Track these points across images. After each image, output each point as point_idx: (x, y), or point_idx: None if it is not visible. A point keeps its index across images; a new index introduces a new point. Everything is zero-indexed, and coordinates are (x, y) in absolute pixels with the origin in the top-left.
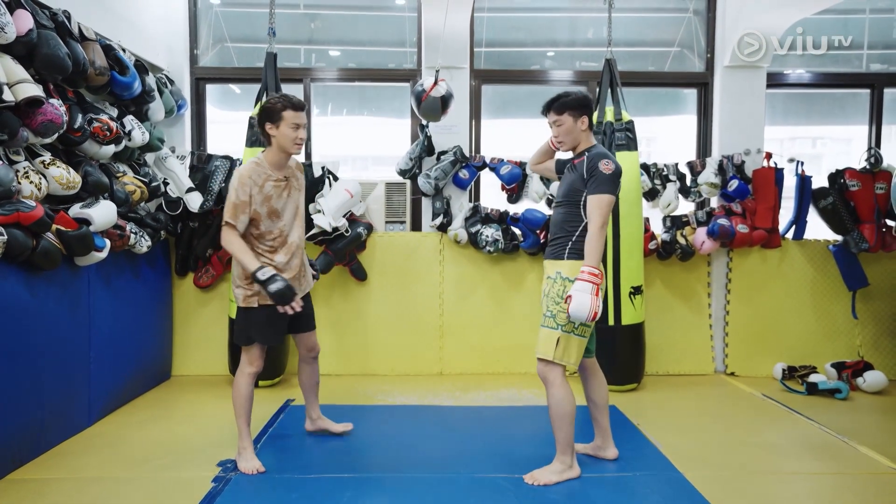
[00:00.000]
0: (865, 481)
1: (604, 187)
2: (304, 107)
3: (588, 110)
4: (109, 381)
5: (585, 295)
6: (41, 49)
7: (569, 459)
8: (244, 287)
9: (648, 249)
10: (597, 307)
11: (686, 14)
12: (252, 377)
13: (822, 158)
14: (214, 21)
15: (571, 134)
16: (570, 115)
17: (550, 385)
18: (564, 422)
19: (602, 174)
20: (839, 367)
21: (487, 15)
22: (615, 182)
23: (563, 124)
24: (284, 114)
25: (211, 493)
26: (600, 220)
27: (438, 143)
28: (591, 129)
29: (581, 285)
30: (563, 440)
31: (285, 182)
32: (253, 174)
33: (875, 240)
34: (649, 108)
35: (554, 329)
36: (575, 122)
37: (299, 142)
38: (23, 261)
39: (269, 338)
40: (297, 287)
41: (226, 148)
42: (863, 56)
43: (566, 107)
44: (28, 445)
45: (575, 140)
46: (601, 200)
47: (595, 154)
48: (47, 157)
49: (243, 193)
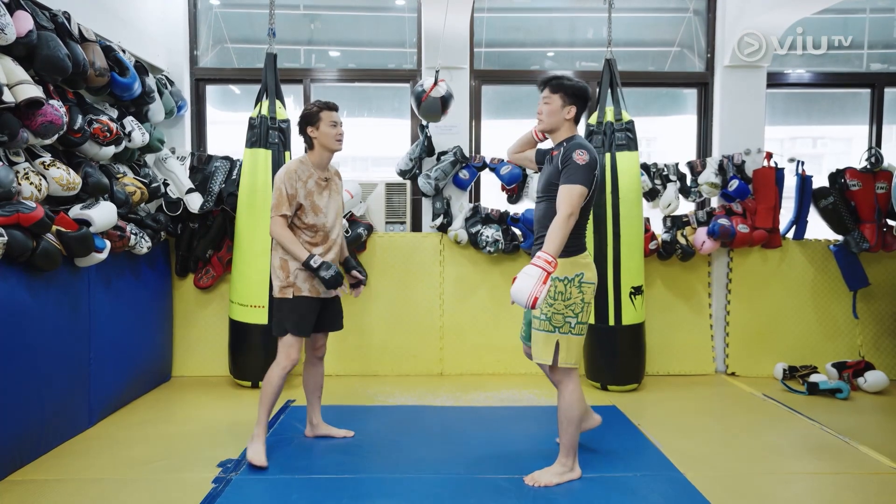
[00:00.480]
0: (866, 481)
1: (575, 177)
2: (338, 107)
3: (580, 101)
4: (110, 383)
5: (531, 280)
6: (41, 50)
7: (570, 462)
8: (281, 278)
9: (649, 249)
10: (538, 292)
11: (686, 14)
12: (285, 371)
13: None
14: (214, 22)
15: (554, 116)
16: (561, 97)
17: (564, 388)
18: (571, 425)
19: (575, 164)
20: (840, 367)
21: (487, 15)
22: (588, 173)
23: (550, 103)
24: (321, 115)
25: (211, 493)
26: (567, 209)
27: (438, 143)
28: (577, 123)
29: (530, 269)
30: (567, 443)
31: (326, 182)
32: (298, 169)
33: (876, 239)
34: (650, 108)
35: (551, 332)
36: (562, 107)
37: (339, 137)
38: (23, 262)
39: (302, 329)
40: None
41: (226, 149)
42: (863, 56)
43: (560, 88)
44: (28, 446)
45: (554, 123)
46: (571, 191)
47: (571, 145)
48: (47, 158)
49: (290, 186)
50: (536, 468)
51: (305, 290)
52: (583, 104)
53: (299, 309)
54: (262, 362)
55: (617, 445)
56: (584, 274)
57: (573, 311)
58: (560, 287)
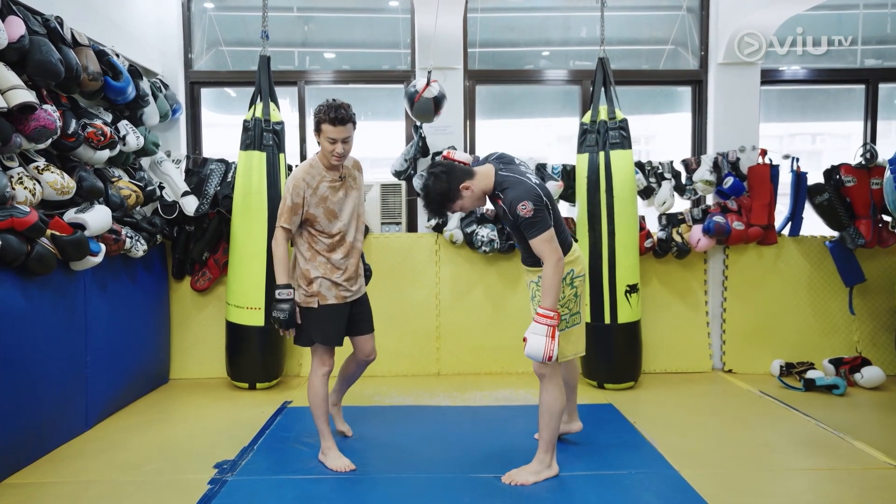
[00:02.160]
0: (861, 477)
1: (534, 230)
2: (346, 120)
3: (458, 192)
4: (106, 386)
5: (540, 338)
6: (33, 55)
7: (548, 459)
8: (304, 288)
9: (644, 248)
10: (551, 350)
11: (680, 12)
12: (325, 377)
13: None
14: (208, 25)
15: (474, 201)
16: (462, 191)
17: (547, 382)
18: (554, 419)
19: (525, 220)
20: (837, 363)
21: (481, 15)
22: (543, 214)
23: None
24: (323, 127)
25: (207, 495)
26: (553, 256)
27: (433, 143)
28: (474, 174)
29: (536, 328)
30: (548, 438)
31: (341, 182)
32: (307, 176)
33: (871, 235)
34: (648, 107)
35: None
36: (471, 194)
37: (336, 155)
38: (17, 266)
39: (329, 338)
40: (353, 285)
41: (222, 151)
42: (857, 51)
43: (432, 204)
44: (25, 450)
45: (472, 206)
46: (542, 241)
47: (509, 199)
48: (41, 162)
49: (297, 196)
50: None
51: (331, 297)
52: (451, 202)
53: (325, 318)
54: (258, 364)
55: (612, 443)
56: (574, 270)
57: (568, 308)
58: None
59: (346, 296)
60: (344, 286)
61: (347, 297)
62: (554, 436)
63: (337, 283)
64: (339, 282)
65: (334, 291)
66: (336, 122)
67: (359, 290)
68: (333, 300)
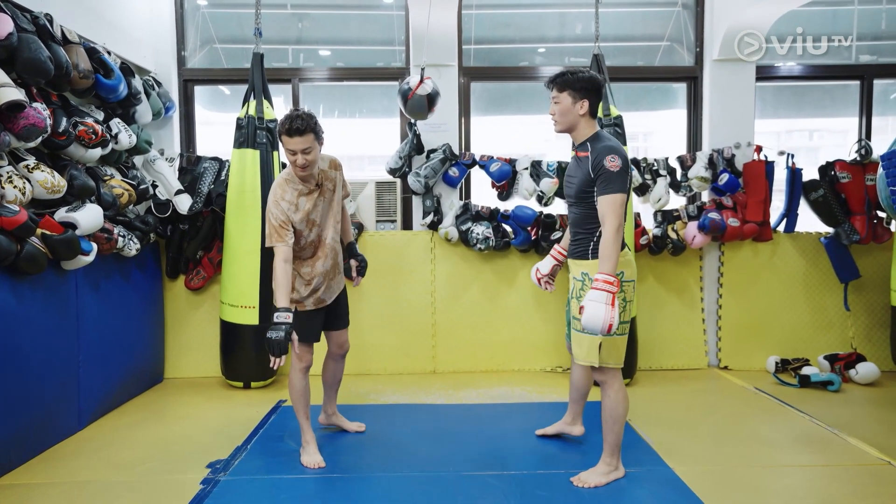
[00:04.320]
0: (855, 473)
1: (613, 186)
2: (303, 131)
3: (591, 94)
4: (99, 385)
5: (599, 305)
6: (22, 53)
7: (615, 462)
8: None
9: (640, 244)
10: (611, 318)
11: (675, 8)
12: (304, 371)
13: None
14: (202, 22)
15: (567, 115)
16: (570, 94)
17: (608, 388)
18: (617, 424)
19: (609, 172)
20: (832, 360)
21: (476, 12)
22: (624, 177)
23: (560, 102)
24: (282, 138)
25: (199, 495)
26: (616, 221)
27: (428, 141)
28: (594, 116)
29: (595, 294)
30: (612, 442)
31: (318, 189)
32: (286, 194)
33: (866, 231)
34: (643, 103)
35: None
36: (574, 104)
37: (300, 165)
38: (7, 266)
39: (307, 337)
40: (332, 287)
41: (215, 149)
42: (852, 47)
43: (567, 85)
44: (16, 451)
45: (570, 123)
46: (613, 201)
47: (600, 149)
48: (31, 161)
49: (281, 213)
50: (526, 465)
51: (310, 304)
52: (595, 95)
53: (303, 321)
54: (253, 363)
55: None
56: (625, 272)
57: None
58: None
59: (326, 299)
60: (323, 291)
61: (327, 301)
62: (617, 439)
63: (316, 289)
64: (318, 287)
65: (313, 299)
66: (292, 133)
67: (336, 291)
68: (312, 306)
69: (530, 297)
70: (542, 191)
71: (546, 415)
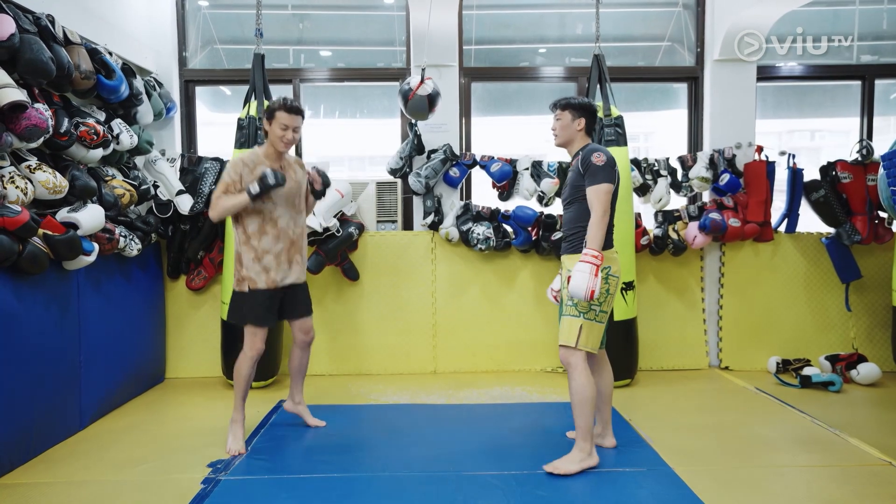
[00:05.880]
0: (855, 473)
1: (598, 177)
2: (299, 111)
3: (587, 114)
4: (101, 385)
5: (584, 275)
6: (24, 54)
7: (588, 447)
8: (237, 271)
9: (640, 245)
10: (593, 286)
11: (676, 8)
12: (252, 360)
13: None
14: (203, 23)
15: (566, 130)
16: (570, 112)
17: (573, 369)
18: (585, 407)
19: (595, 166)
20: (833, 360)
21: (476, 13)
22: (609, 171)
23: (561, 119)
24: (277, 113)
25: (199, 494)
26: (600, 208)
27: (428, 141)
28: (590, 134)
29: (581, 266)
30: (583, 426)
31: (279, 170)
32: (246, 158)
33: (867, 232)
34: (644, 104)
35: (576, 317)
36: (572, 121)
37: (286, 141)
38: (9, 266)
39: (260, 319)
40: (283, 274)
41: (216, 150)
42: (853, 47)
43: (568, 106)
44: (18, 450)
45: (568, 137)
46: (598, 190)
47: (587, 150)
48: (33, 161)
49: (235, 174)
50: (526, 465)
51: (261, 282)
52: (591, 116)
53: (255, 301)
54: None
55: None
56: (612, 267)
57: (598, 300)
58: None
59: (277, 280)
60: (275, 271)
61: (279, 283)
62: (587, 423)
63: (267, 268)
64: (269, 266)
65: (264, 276)
66: (291, 111)
67: (295, 277)
68: (263, 285)
69: (531, 298)
70: (543, 191)
71: (546, 415)
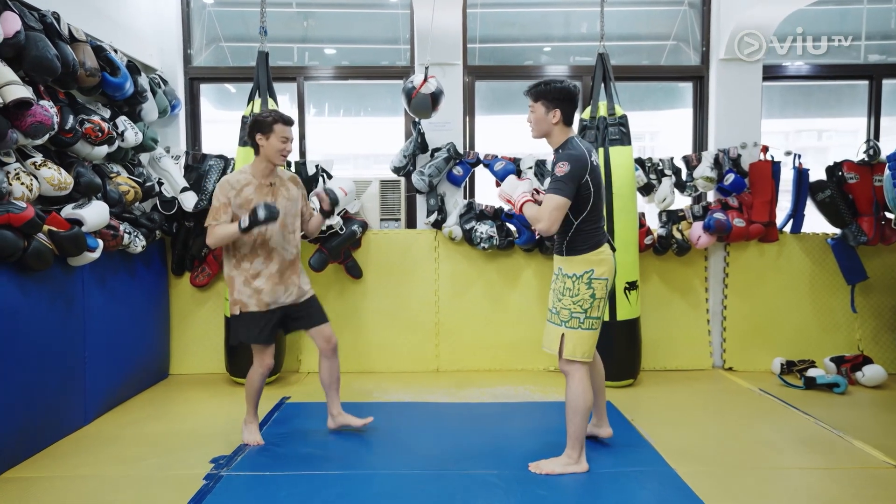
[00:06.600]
0: (858, 476)
1: (552, 186)
2: (293, 122)
3: (564, 104)
4: (105, 381)
5: (513, 190)
6: (29, 51)
7: (576, 454)
8: (231, 294)
9: (644, 244)
10: (515, 198)
11: (681, 7)
12: (261, 376)
13: (829, 151)
14: (208, 21)
15: (540, 124)
16: (543, 104)
17: (570, 379)
18: (577, 416)
19: (554, 175)
20: (838, 362)
21: (481, 11)
22: (566, 183)
23: (534, 111)
24: (276, 127)
25: (202, 490)
26: (547, 220)
27: (432, 139)
28: (568, 124)
29: (519, 193)
30: (573, 434)
31: (269, 188)
32: (232, 179)
33: (874, 233)
34: (648, 103)
35: (558, 325)
36: (546, 113)
37: (285, 153)
38: (14, 261)
39: (255, 338)
40: (279, 293)
41: (221, 147)
42: (861, 47)
43: (540, 95)
44: (23, 444)
45: (544, 130)
46: (549, 201)
47: (560, 155)
48: (39, 158)
49: (223, 196)
50: (525, 464)
51: (252, 305)
52: (567, 105)
53: (249, 323)
54: None
55: (610, 441)
56: (595, 270)
57: (581, 307)
58: (568, 283)
59: (269, 302)
60: (267, 293)
61: (270, 305)
62: (579, 432)
63: (258, 290)
64: (260, 288)
65: (255, 299)
66: (287, 123)
67: (292, 298)
68: (255, 308)
69: (534, 297)
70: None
71: (549, 414)
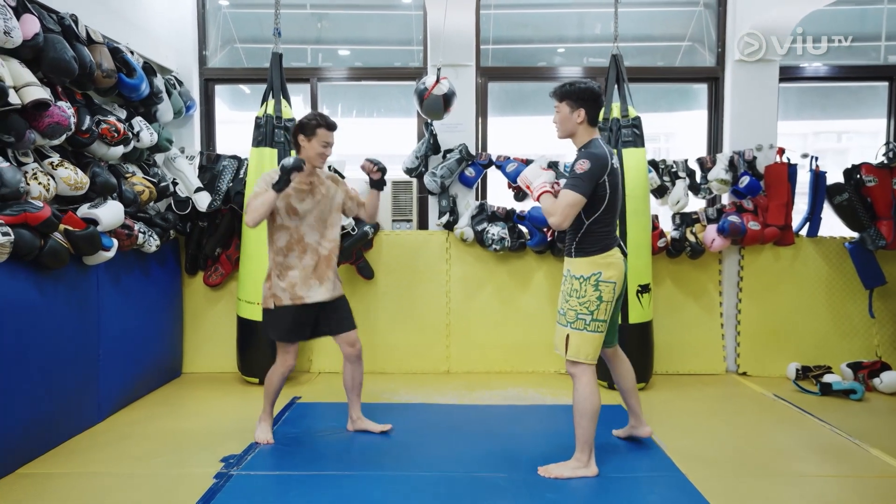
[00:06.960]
0: (874, 485)
1: (570, 183)
2: (336, 127)
3: (587, 103)
4: (119, 379)
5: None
6: (48, 53)
7: (585, 458)
8: (265, 288)
9: (658, 247)
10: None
11: (697, 8)
12: (282, 375)
13: (848, 153)
14: (223, 22)
15: (565, 124)
16: (568, 104)
17: (577, 381)
18: (585, 419)
19: (573, 172)
20: (855, 368)
21: (494, 12)
22: (584, 181)
23: (559, 111)
24: (319, 131)
25: (212, 489)
26: (560, 215)
27: (444, 141)
28: (593, 124)
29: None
30: (581, 437)
31: (309, 186)
32: (273, 172)
33: (893, 236)
34: (663, 104)
35: (563, 326)
36: (571, 113)
37: (324, 157)
38: (31, 260)
39: (285, 335)
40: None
41: (235, 148)
42: (880, 48)
43: (565, 95)
44: (37, 441)
45: (568, 130)
46: (564, 195)
47: (582, 153)
48: (56, 158)
49: (264, 184)
50: (537, 467)
51: (286, 299)
52: (592, 105)
53: (282, 318)
54: (269, 359)
55: (620, 445)
56: (602, 273)
57: (587, 309)
58: (576, 285)
59: (303, 297)
60: (301, 287)
61: (305, 300)
62: (586, 435)
63: (292, 284)
64: (294, 282)
65: (289, 293)
66: (331, 128)
67: (327, 294)
68: (288, 301)
69: (545, 299)
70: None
71: (559, 418)
